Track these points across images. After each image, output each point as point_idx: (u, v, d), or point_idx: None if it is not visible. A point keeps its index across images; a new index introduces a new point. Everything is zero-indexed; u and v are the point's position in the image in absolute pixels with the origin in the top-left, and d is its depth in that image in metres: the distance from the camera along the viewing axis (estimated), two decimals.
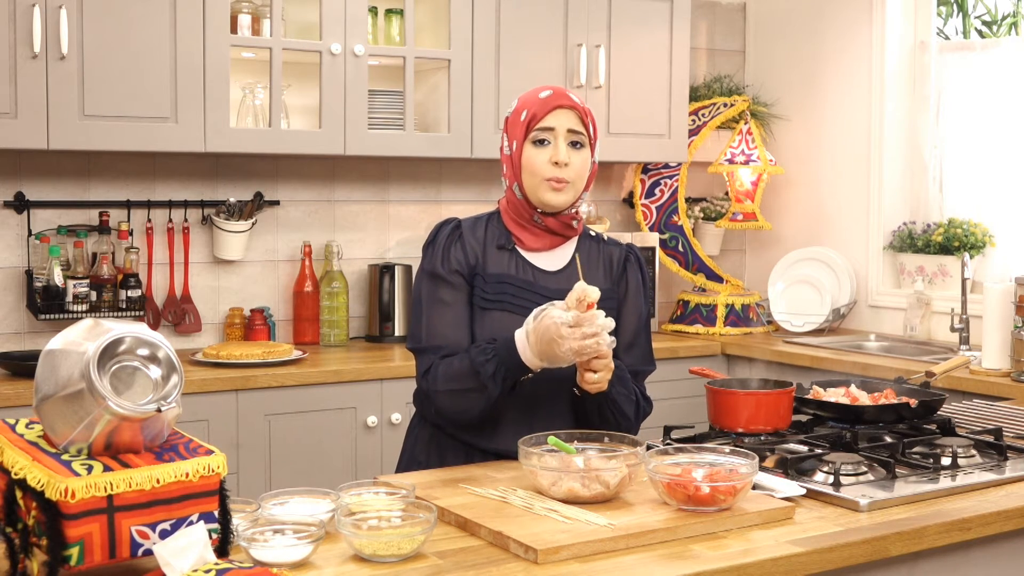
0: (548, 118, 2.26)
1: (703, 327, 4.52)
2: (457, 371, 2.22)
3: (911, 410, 2.50)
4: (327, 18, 3.75)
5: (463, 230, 2.34)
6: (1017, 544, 2.08)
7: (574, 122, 2.27)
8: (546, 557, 1.68)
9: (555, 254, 2.35)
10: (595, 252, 2.40)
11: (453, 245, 2.32)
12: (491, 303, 2.26)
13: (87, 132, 3.42)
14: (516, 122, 2.29)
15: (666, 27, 4.38)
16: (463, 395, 2.22)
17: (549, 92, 2.29)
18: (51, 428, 1.56)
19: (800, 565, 1.75)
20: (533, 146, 2.27)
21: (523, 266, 2.32)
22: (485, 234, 2.34)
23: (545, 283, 2.30)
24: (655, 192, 4.68)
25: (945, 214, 4.43)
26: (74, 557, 1.47)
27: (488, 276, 2.29)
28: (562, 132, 2.26)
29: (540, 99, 2.28)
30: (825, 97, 4.72)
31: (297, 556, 1.65)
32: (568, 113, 2.27)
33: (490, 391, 2.18)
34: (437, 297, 2.30)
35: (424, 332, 2.30)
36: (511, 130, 2.31)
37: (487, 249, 2.32)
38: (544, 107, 2.26)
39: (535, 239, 2.33)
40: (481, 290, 2.28)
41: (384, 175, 4.26)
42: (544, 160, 2.25)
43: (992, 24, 4.65)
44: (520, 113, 2.29)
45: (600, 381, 2.19)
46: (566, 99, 2.28)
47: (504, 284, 2.29)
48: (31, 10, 3.30)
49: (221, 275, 4.00)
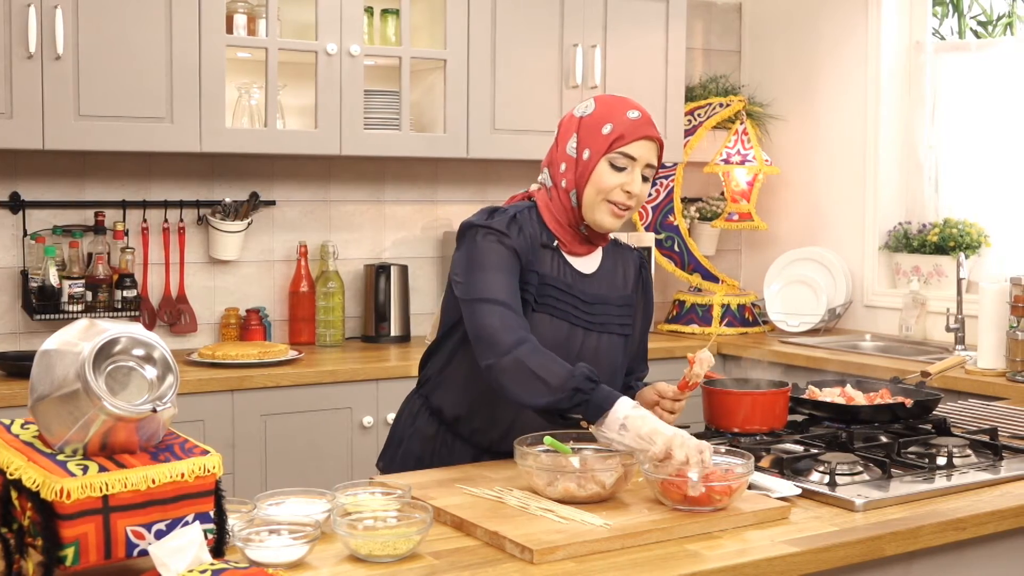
0: (635, 145, 2.19)
1: (699, 327, 4.52)
2: (548, 363, 2.05)
3: (907, 410, 2.51)
4: (323, 18, 3.75)
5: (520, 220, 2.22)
6: (1012, 544, 2.08)
7: (653, 156, 2.22)
8: (542, 557, 1.69)
9: (590, 258, 2.32)
10: (617, 257, 2.37)
11: (515, 225, 2.20)
12: (536, 304, 2.20)
13: (82, 132, 3.42)
14: (596, 131, 2.20)
15: (662, 27, 4.39)
16: (533, 381, 2.04)
17: (638, 115, 2.21)
18: (46, 428, 1.56)
19: (796, 565, 1.75)
20: (611, 167, 2.19)
21: (563, 268, 2.26)
22: (535, 229, 2.25)
23: (582, 287, 2.27)
24: (651, 192, 4.68)
25: (941, 214, 4.43)
26: (69, 557, 1.47)
27: (534, 276, 2.21)
28: (641, 164, 2.20)
29: (630, 120, 2.20)
30: (821, 97, 4.73)
31: (293, 556, 1.64)
32: (651, 145, 2.21)
33: (558, 399, 2.03)
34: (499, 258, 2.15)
35: (484, 284, 2.13)
36: (587, 136, 2.21)
37: (534, 244, 2.23)
38: (634, 132, 2.19)
39: (575, 243, 2.27)
40: (529, 288, 2.20)
41: (380, 175, 4.26)
42: (616, 184, 2.19)
43: (987, 24, 4.66)
44: (603, 124, 2.20)
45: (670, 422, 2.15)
46: (654, 130, 2.21)
47: (547, 287, 2.22)
48: (26, 10, 3.30)
49: (217, 275, 4.00)
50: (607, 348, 2.27)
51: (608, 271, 2.33)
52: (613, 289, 2.32)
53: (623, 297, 2.33)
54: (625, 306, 2.33)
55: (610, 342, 2.28)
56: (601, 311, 2.27)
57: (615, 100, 2.25)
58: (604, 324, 2.26)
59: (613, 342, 2.29)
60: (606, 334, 2.27)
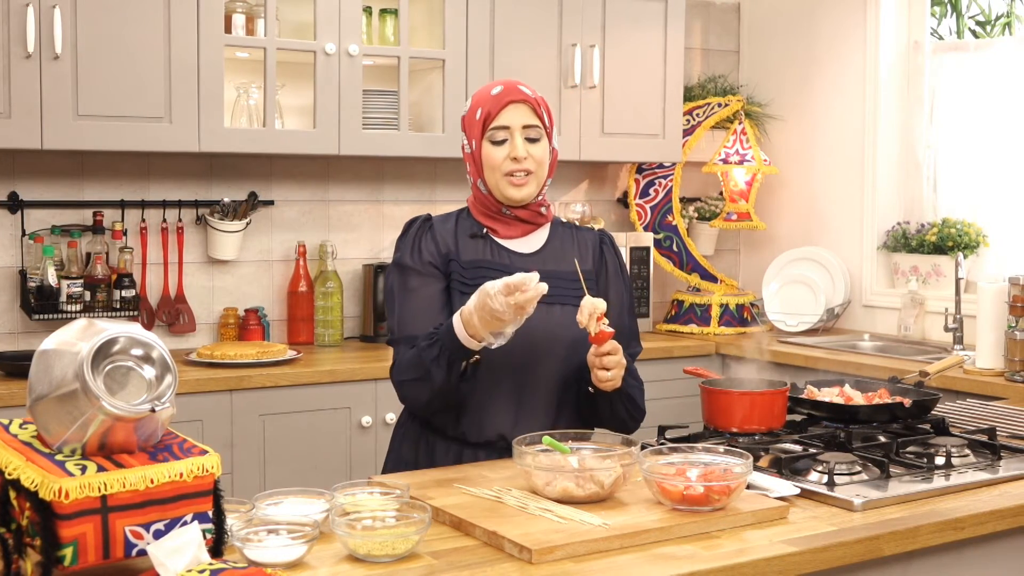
0: (502, 116, 2.29)
1: (697, 327, 4.52)
2: (409, 360, 2.23)
3: (905, 410, 2.51)
4: (321, 18, 3.75)
5: (434, 223, 2.38)
6: (1011, 544, 2.08)
7: (528, 116, 2.30)
8: (540, 557, 1.68)
9: (528, 239, 2.38)
10: (569, 237, 2.43)
11: (424, 237, 2.36)
12: (470, 287, 2.25)
13: (81, 132, 3.41)
14: (472, 121, 2.33)
15: (660, 27, 4.39)
16: (413, 384, 2.23)
17: (500, 88, 2.32)
18: (45, 428, 1.56)
19: (794, 565, 1.75)
20: (491, 144, 2.30)
21: (498, 251, 2.35)
22: (456, 226, 2.37)
23: (523, 265, 2.30)
24: (649, 192, 4.68)
25: (939, 214, 4.44)
26: (68, 557, 1.47)
27: (464, 263, 2.32)
28: (517, 128, 2.29)
29: (492, 96, 2.31)
30: (819, 97, 4.73)
31: (291, 556, 1.64)
32: (521, 108, 2.30)
33: (434, 376, 2.17)
34: (408, 288, 2.32)
35: (396, 324, 2.32)
36: (469, 129, 2.35)
37: (459, 238, 2.35)
38: (497, 104, 2.29)
39: (507, 228, 2.36)
40: (459, 275, 2.30)
41: (378, 175, 4.26)
42: (502, 157, 2.28)
43: (986, 24, 4.66)
44: (475, 112, 2.33)
45: (614, 379, 2.20)
46: (517, 93, 2.30)
47: (481, 268, 2.30)
48: (25, 10, 3.30)
49: (215, 275, 4.00)
50: (561, 318, 2.29)
51: (556, 249, 2.39)
52: (564, 264, 2.35)
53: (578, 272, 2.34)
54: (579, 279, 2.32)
55: (564, 312, 2.30)
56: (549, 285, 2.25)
57: (484, 88, 2.37)
58: (553, 296, 2.23)
59: (568, 312, 2.29)
60: (558, 305, 2.29)
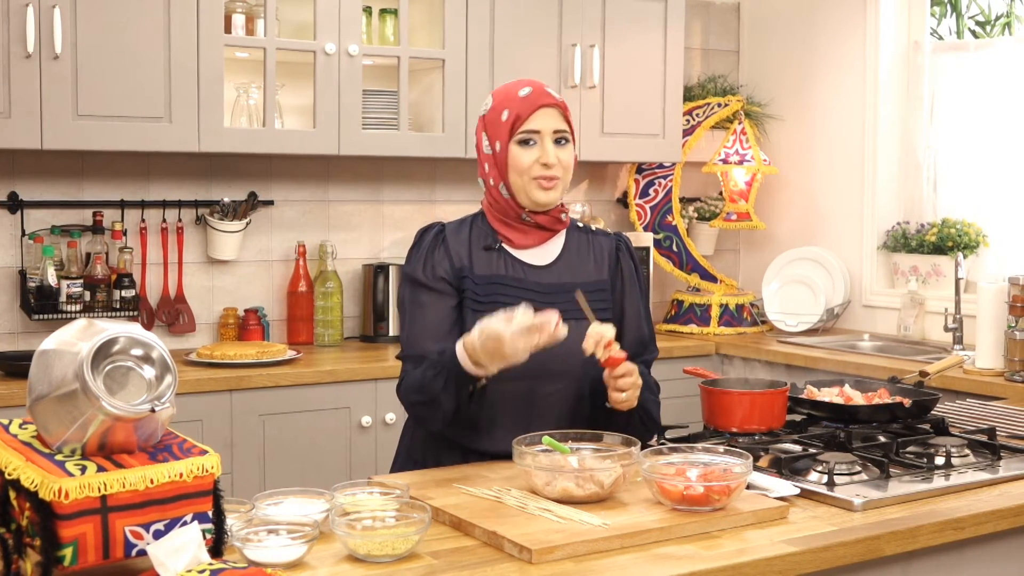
0: (533, 119, 2.23)
1: (697, 327, 4.52)
2: (416, 383, 2.19)
3: (905, 410, 2.51)
4: (321, 18, 3.75)
5: (447, 234, 2.31)
6: (1011, 543, 2.08)
7: (558, 121, 2.25)
8: (540, 557, 1.68)
9: (544, 249, 2.33)
10: (584, 244, 2.37)
11: (437, 250, 2.28)
12: (483, 304, 2.22)
13: (81, 132, 3.41)
14: (497, 122, 2.26)
15: (660, 27, 4.39)
16: (422, 407, 2.20)
17: (529, 90, 2.26)
18: (45, 428, 1.56)
19: (794, 564, 1.75)
20: (519, 146, 2.23)
21: (512, 264, 2.29)
22: (470, 236, 2.31)
23: (537, 278, 2.28)
24: (649, 192, 4.68)
25: (939, 214, 4.43)
26: (68, 557, 1.47)
27: (477, 278, 2.26)
28: (548, 133, 2.24)
29: (521, 98, 2.24)
30: (819, 97, 4.73)
31: (291, 556, 1.64)
32: (551, 112, 2.24)
33: (443, 403, 2.14)
34: (419, 303, 2.27)
35: (406, 339, 2.29)
36: (493, 130, 2.27)
37: (473, 251, 2.28)
38: (528, 107, 2.23)
39: (523, 236, 2.30)
40: (472, 292, 2.25)
41: (378, 175, 4.26)
42: (532, 160, 2.22)
43: (986, 24, 4.66)
44: (500, 112, 2.26)
45: (630, 399, 2.17)
46: (548, 97, 2.25)
47: (495, 284, 2.26)
48: (24, 9, 3.30)
49: (215, 275, 4.00)
50: (575, 334, 2.23)
51: (571, 259, 2.34)
52: (580, 275, 2.32)
53: (595, 283, 2.32)
54: (597, 291, 2.31)
55: (578, 328, 2.25)
56: (562, 299, 2.25)
57: (508, 86, 2.31)
58: (567, 311, 2.20)
59: (582, 327, 2.26)
60: (572, 320, 2.22)
